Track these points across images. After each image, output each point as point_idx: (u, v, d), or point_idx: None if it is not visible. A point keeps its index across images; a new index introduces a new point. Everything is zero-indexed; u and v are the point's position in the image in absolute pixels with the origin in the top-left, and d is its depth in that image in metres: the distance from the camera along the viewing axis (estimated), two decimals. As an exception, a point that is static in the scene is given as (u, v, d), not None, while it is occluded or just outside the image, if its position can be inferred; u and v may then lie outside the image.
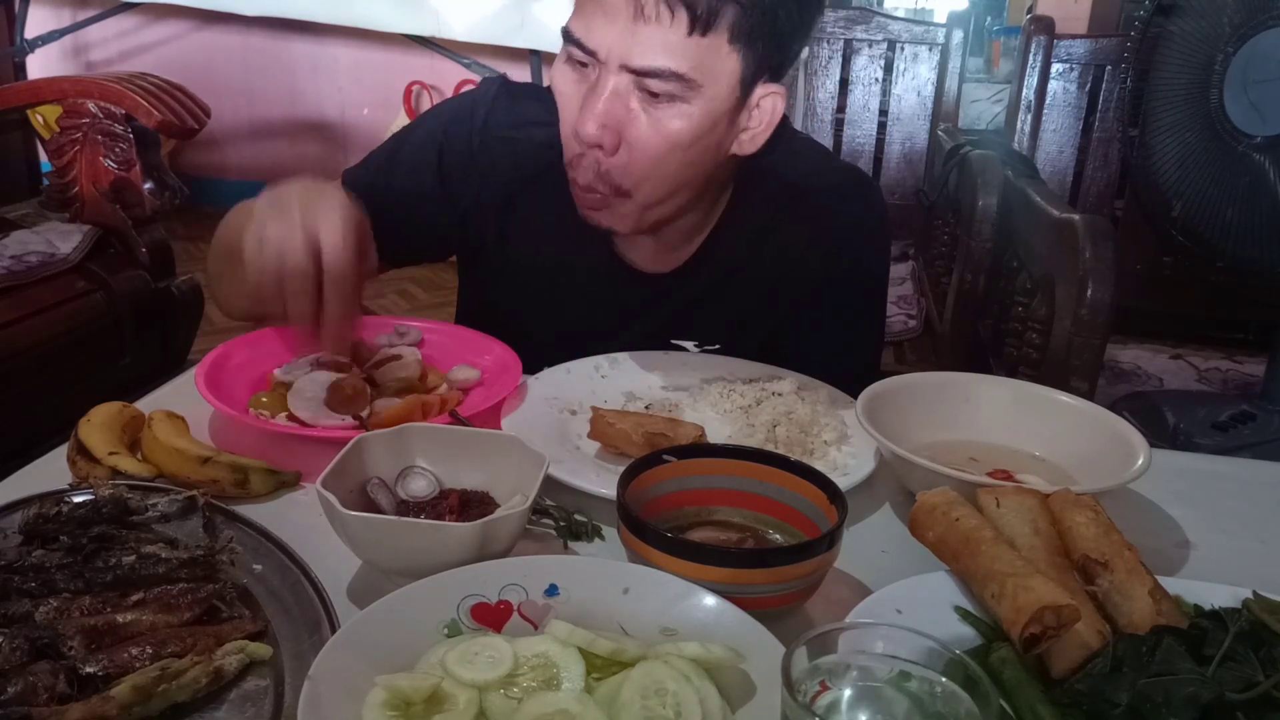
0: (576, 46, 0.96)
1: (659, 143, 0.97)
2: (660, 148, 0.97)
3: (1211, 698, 0.56)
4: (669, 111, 0.96)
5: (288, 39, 4.36)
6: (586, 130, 0.95)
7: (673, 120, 0.96)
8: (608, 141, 0.96)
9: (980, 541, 0.67)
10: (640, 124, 0.96)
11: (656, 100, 0.95)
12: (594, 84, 0.96)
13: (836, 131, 2.65)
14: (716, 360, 1.11)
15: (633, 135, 0.97)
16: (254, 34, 4.35)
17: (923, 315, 2.28)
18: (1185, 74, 1.82)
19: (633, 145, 0.97)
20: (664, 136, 0.97)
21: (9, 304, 1.91)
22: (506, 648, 0.60)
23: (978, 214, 1.81)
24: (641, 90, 0.95)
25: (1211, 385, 2.04)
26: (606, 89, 0.95)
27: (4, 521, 0.73)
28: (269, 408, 0.95)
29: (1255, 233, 1.72)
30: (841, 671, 0.53)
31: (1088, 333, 1.31)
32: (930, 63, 2.57)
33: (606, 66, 0.94)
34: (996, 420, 0.98)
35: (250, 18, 4.01)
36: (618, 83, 0.95)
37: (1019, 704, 0.59)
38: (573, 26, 0.96)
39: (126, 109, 2.11)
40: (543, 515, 0.82)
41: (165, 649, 0.60)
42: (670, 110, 0.95)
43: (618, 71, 0.94)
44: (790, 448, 0.92)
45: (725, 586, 0.65)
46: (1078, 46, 2.30)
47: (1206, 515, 0.93)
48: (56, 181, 2.22)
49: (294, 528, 0.75)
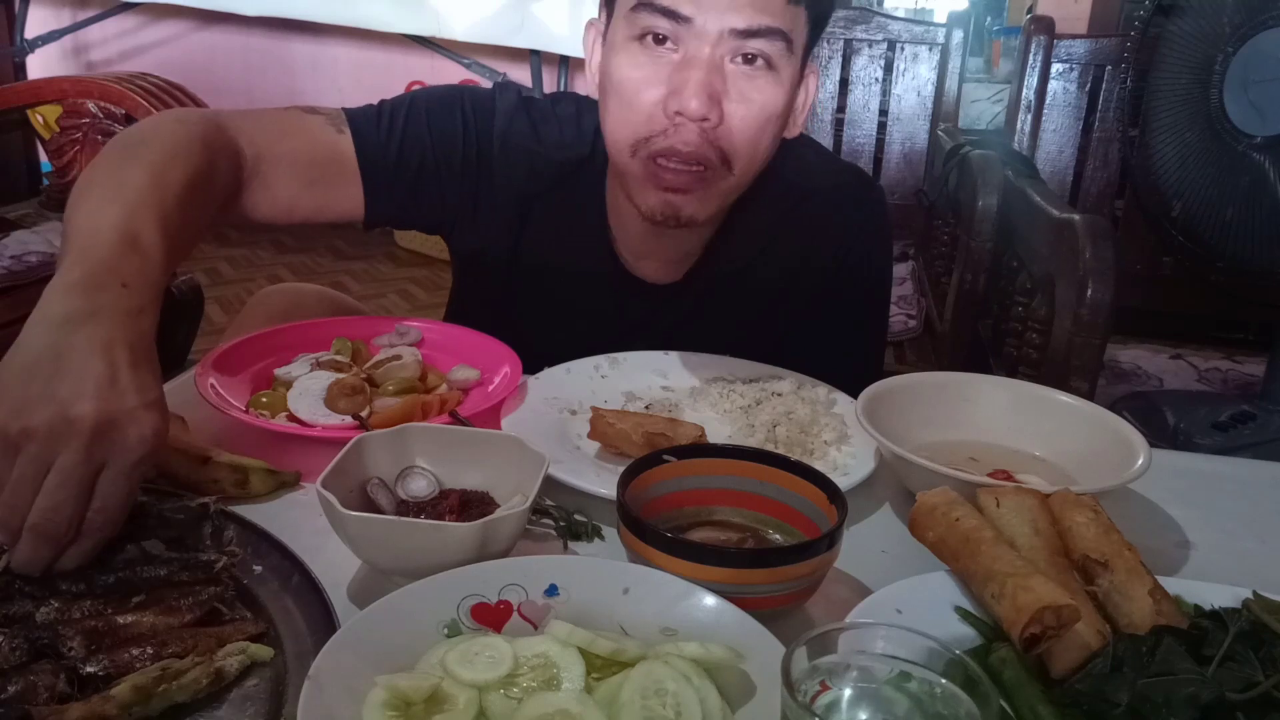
0: (664, 16, 0.92)
1: (756, 113, 0.96)
2: (758, 118, 0.96)
3: (1211, 698, 0.56)
4: (763, 80, 0.95)
5: (288, 39, 4.36)
6: (691, 106, 0.93)
7: (767, 88, 0.95)
8: (714, 114, 0.94)
9: (980, 541, 0.67)
10: (737, 95, 0.95)
11: (752, 68, 0.94)
12: (684, 59, 0.94)
13: (836, 131, 2.65)
14: (716, 360, 1.11)
15: (730, 107, 0.95)
16: (254, 34, 4.35)
17: (923, 315, 2.28)
18: (1185, 74, 1.82)
19: (732, 116, 0.95)
20: (760, 106, 0.96)
21: (9, 304, 1.91)
22: (506, 648, 0.60)
23: (978, 214, 1.80)
24: (736, 60, 0.94)
25: (1211, 385, 2.03)
26: (702, 60, 0.93)
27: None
28: (269, 408, 0.95)
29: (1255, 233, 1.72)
30: (841, 671, 0.53)
31: (1088, 333, 1.31)
32: (930, 63, 2.57)
33: (701, 36, 0.92)
34: (996, 420, 0.98)
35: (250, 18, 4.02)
36: (713, 54, 0.93)
37: (1019, 704, 0.59)
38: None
39: (126, 109, 2.11)
40: (543, 515, 0.82)
41: (166, 650, 0.60)
42: (765, 79, 0.95)
43: (715, 40, 0.92)
44: (790, 448, 0.92)
45: (725, 586, 0.65)
46: (1078, 46, 2.30)
47: (1206, 515, 0.93)
48: (56, 181, 2.22)
49: (294, 528, 0.75)
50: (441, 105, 1.13)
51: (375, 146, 1.08)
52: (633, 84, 0.96)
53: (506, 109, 1.14)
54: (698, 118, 0.93)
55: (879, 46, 2.60)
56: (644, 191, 1.00)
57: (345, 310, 1.29)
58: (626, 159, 1.00)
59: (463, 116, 1.12)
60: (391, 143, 1.09)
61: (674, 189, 0.99)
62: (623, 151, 1.00)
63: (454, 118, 1.12)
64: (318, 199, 1.07)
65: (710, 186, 1.00)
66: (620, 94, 0.98)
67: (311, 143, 1.06)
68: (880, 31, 2.60)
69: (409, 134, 1.10)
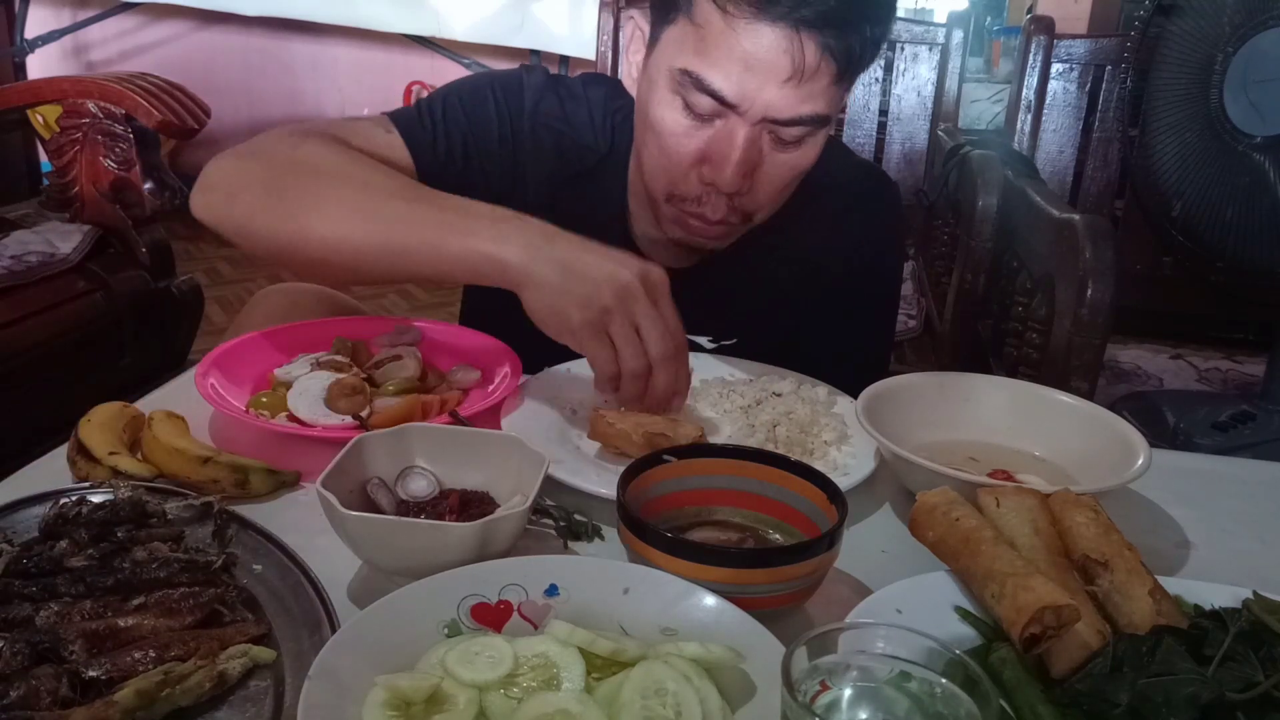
0: (710, 97, 0.94)
1: (787, 174, 1.00)
2: (788, 179, 1.01)
3: (1211, 698, 0.56)
4: (802, 147, 0.98)
5: (288, 39, 4.36)
6: (725, 183, 0.97)
7: (805, 153, 0.99)
8: (745, 186, 0.98)
9: (980, 541, 0.67)
10: (771, 163, 0.98)
11: (787, 143, 0.97)
12: (725, 132, 0.96)
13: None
14: (716, 360, 1.11)
15: (763, 173, 0.99)
16: (254, 34, 4.35)
17: (923, 315, 2.28)
18: (1185, 74, 1.82)
19: (761, 181, 1.00)
20: (792, 169, 1.00)
21: (9, 304, 1.91)
22: (506, 648, 0.60)
23: (978, 214, 1.80)
24: (773, 134, 0.97)
25: (1211, 385, 2.03)
26: (741, 139, 0.95)
27: (19, 515, 0.73)
28: (269, 408, 0.95)
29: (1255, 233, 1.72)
30: (841, 671, 0.53)
31: (1088, 333, 1.31)
32: (930, 63, 2.57)
33: (745, 117, 0.94)
34: (996, 420, 0.98)
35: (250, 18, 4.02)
36: (753, 132, 0.95)
37: (1019, 704, 0.59)
38: (708, 77, 0.93)
39: (126, 109, 2.11)
40: (543, 515, 0.82)
41: (168, 653, 0.60)
42: (801, 149, 0.98)
43: (756, 122, 0.95)
44: (790, 448, 0.92)
45: (725, 586, 0.65)
46: (1078, 46, 2.30)
47: (1206, 515, 0.93)
48: (56, 181, 2.22)
49: (294, 528, 0.75)
50: (473, 92, 1.16)
51: (424, 143, 1.11)
52: (673, 138, 0.99)
53: (535, 87, 1.17)
54: (733, 191, 0.98)
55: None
56: (672, 226, 1.08)
57: (345, 310, 1.29)
58: (658, 197, 1.05)
59: (494, 99, 1.16)
60: (438, 137, 1.12)
61: (709, 236, 1.06)
62: (655, 190, 1.05)
63: (486, 102, 1.15)
64: None
65: (733, 233, 1.07)
66: (661, 143, 1.01)
67: (373, 145, 1.08)
68: (880, 31, 2.59)
69: (450, 125, 1.13)
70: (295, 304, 1.26)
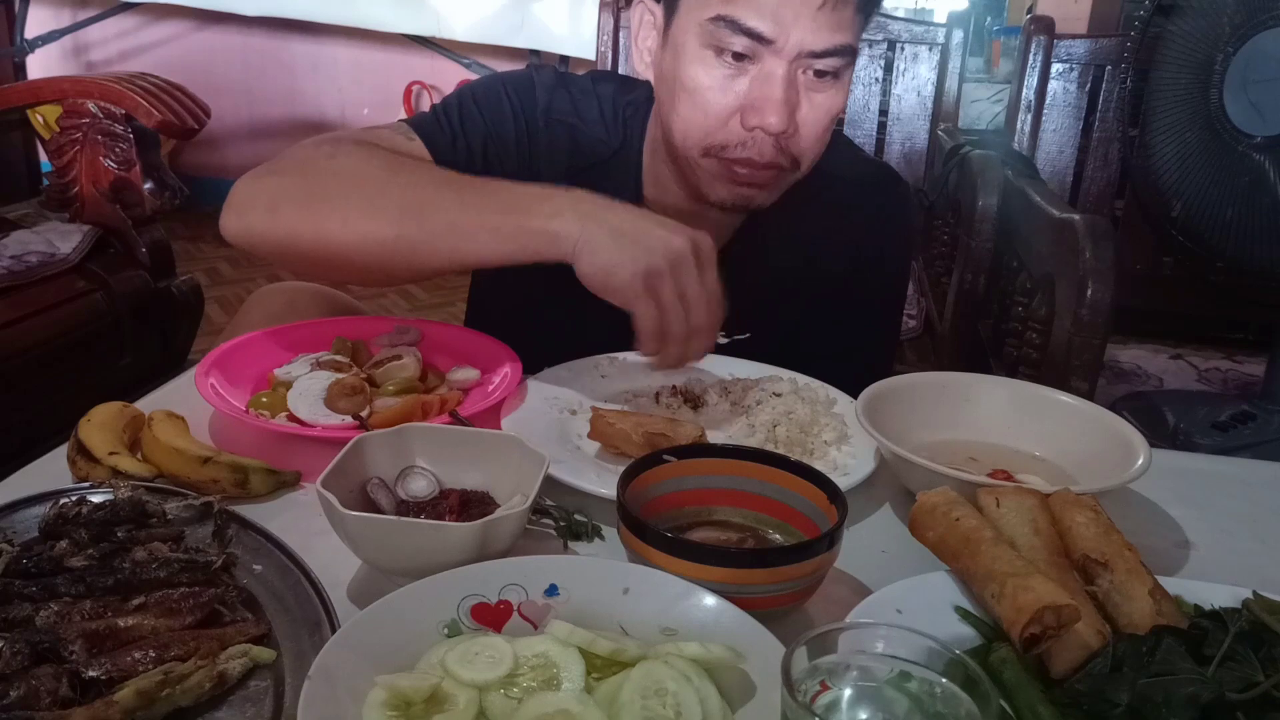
0: (746, 35, 0.96)
1: (823, 117, 1.02)
2: (825, 122, 1.03)
3: (1211, 698, 0.56)
4: (833, 87, 1.01)
5: (288, 39, 4.37)
6: (772, 124, 0.98)
7: (833, 95, 1.01)
8: (790, 126, 1.00)
9: (980, 541, 0.67)
10: (808, 104, 1.00)
11: (822, 79, 0.99)
12: (763, 75, 0.98)
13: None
14: (716, 360, 1.11)
15: (802, 115, 1.01)
16: (254, 34, 4.35)
17: (923, 315, 2.28)
18: (1185, 74, 1.82)
19: (803, 124, 1.01)
20: (826, 110, 1.02)
21: (9, 304, 1.91)
22: (506, 648, 0.60)
23: (978, 214, 1.81)
24: (808, 73, 0.98)
25: (1211, 385, 2.04)
26: (780, 78, 0.97)
27: (19, 515, 0.73)
28: (269, 408, 0.95)
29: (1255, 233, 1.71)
30: (841, 671, 0.53)
31: (1088, 333, 1.31)
32: (930, 63, 2.57)
33: (780, 54, 0.96)
34: (996, 420, 0.98)
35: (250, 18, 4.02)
36: (790, 70, 0.97)
37: (1019, 704, 0.59)
38: (742, 16, 0.96)
39: (126, 109, 2.11)
40: (543, 515, 0.82)
41: (168, 653, 0.60)
42: (832, 87, 1.00)
43: (793, 58, 0.97)
44: (790, 448, 0.92)
45: (725, 586, 0.65)
46: (1078, 46, 2.30)
47: (1206, 515, 0.93)
48: (56, 181, 2.22)
49: (294, 528, 0.75)
50: (487, 94, 1.17)
51: (446, 147, 1.12)
52: (710, 93, 1.00)
53: (546, 85, 1.18)
54: (778, 132, 0.99)
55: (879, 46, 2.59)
56: (716, 185, 1.07)
57: (345, 310, 1.29)
58: (697, 156, 1.05)
59: (508, 98, 1.17)
60: (457, 140, 1.13)
61: (755, 184, 1.05)
62: (693, 150, 1.05)
63: (501, 101, 1.16)
64: None
65: (780, 181, 1.07)
66: (694, 100, 1.02)
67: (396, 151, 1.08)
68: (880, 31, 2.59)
69: (468, 126, 1.14)
70: (293, 303, 1.26)
